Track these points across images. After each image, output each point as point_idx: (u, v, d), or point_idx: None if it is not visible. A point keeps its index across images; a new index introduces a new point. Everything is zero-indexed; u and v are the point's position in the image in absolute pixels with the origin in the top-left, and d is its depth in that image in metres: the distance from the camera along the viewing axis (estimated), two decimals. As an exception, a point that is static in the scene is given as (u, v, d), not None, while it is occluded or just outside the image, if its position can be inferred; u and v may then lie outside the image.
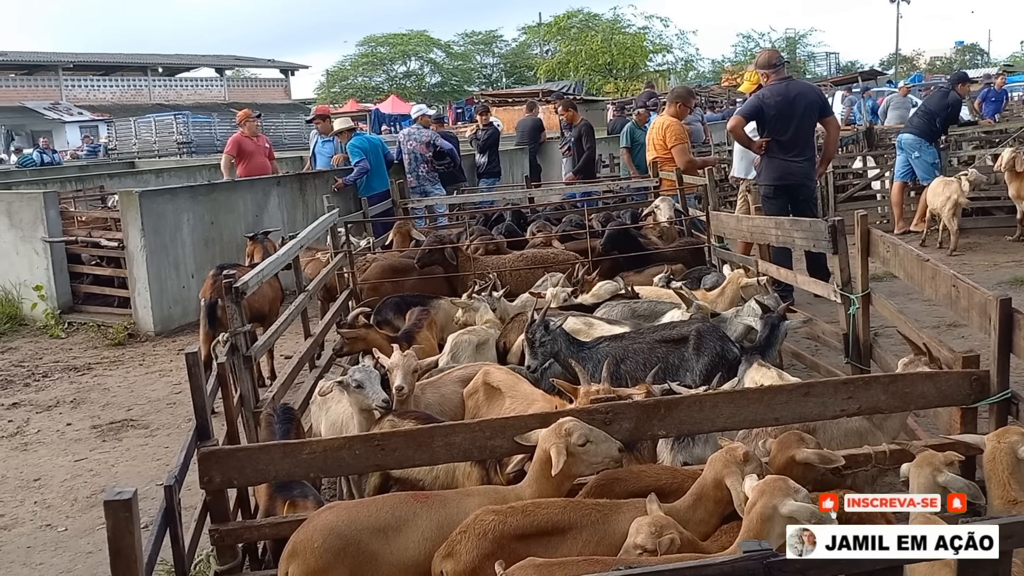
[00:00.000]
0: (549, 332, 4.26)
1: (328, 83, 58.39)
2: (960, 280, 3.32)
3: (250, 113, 10.83)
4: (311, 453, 2.83)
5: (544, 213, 9.01)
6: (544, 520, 2.62)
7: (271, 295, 6.38)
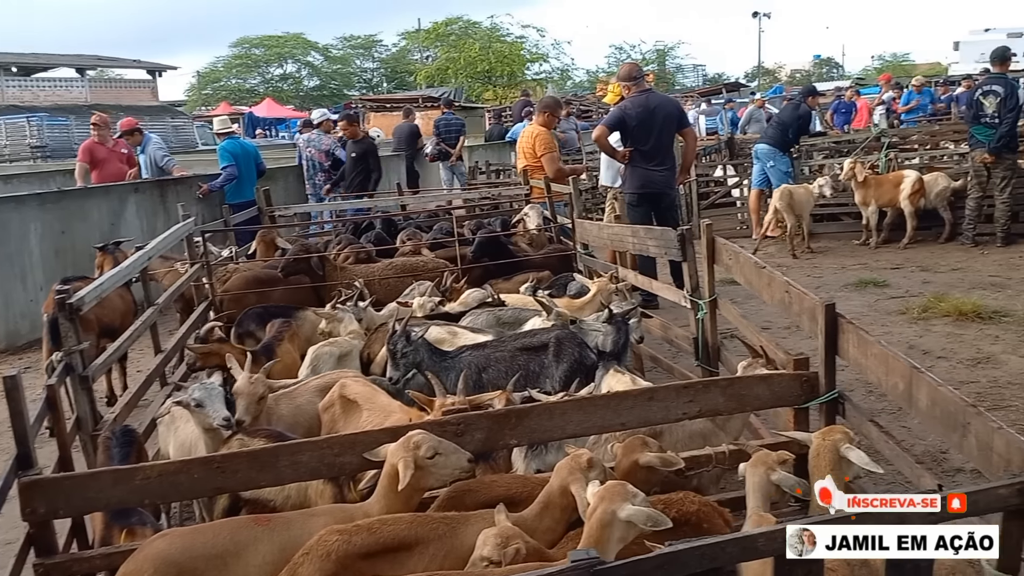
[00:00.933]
0: (411, 343, 4.24)
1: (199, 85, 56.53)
2: (792, 286, 3.49)
3: (105, 119, 10.34)
4: (145, 479, 2.70)
5: (416, 221, 8.97)
6: (390, 537, 2.59)
7: (122, 308, 6.08)
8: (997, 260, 9.22)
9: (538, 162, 8.88)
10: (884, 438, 3.02)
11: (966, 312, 7.00)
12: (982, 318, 6.93)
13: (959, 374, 5.76)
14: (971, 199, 9.82)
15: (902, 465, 2.98)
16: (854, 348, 3.04)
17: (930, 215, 10.31)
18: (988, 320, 6.90)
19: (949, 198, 10.10)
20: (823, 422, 3.24)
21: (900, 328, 6.93)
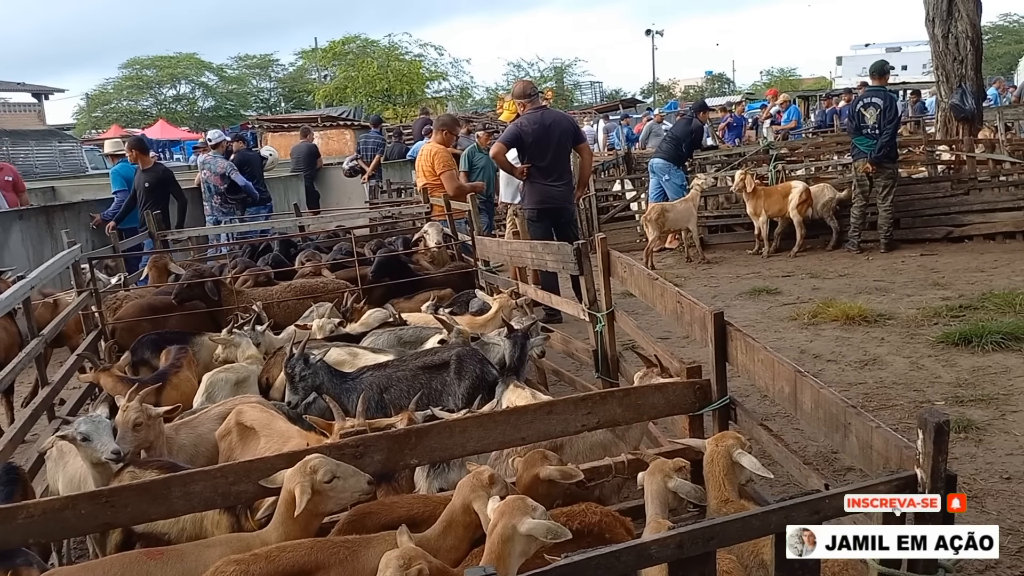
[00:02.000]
0: (309, 365, 4.17)
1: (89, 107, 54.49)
2: (683, 296, 3.59)
3: None
4: (28, 517, 2.57)
5: (315, 242, 8.85)
6: (290, 564, 2.54)
7: (6, 341, 5.81)
8: (881, 265, 9.69)
9: (438, 180, 8.90)
10: (774, 441, 3.13)
11: (853, 316, 7.32)
12: (868, 321, 7.26)
13: (848, 376, 6.02)
14: (855, 207, 10.31)
15: (791, 467, 3.09)
16: (742, 355, 3.15)
17: (818, 224, 10.77)
18: (874, 323, 7.24)
19: (835, 207, 10.58)
20: (716, 428, 3.34)
21: (792, 333, 7.20)
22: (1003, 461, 4.55)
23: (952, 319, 7.14)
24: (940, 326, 6.98)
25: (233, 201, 11.07)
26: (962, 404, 5.33)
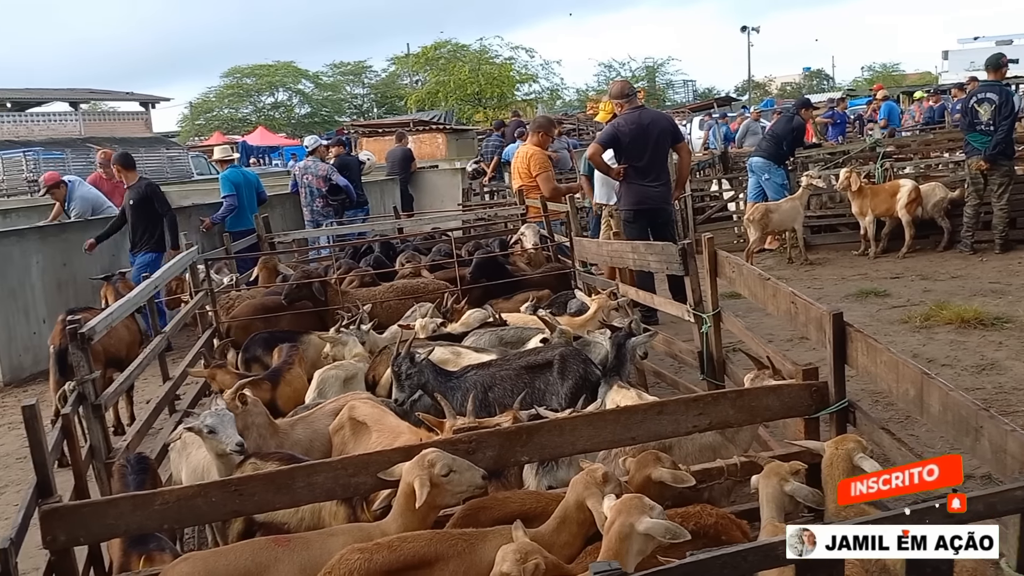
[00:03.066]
0: (415, 364, 4.25)
1: (192, 115, 56.74)
2: (798, 297, 3.52)
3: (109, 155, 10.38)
4: (164, 503, 2.72)
5: (413, 243, 9.01)
6: (411, 554, 2.61)
7: (128, 339, 6.11)
8: (996, 267, 9.27)
9: (534, 182, 8.95)
10: (897, 445, 3.04)
11: (968, 319, 7.03)
12: (984, 325, 6.97)
13: (964, 381, 5.78)
14: (968, 206, 9.87)
15: (914, 471, 2.99)
16: (863, 356, 3.07)
17: (927, 224, 10.36)
18: (990, 327, 6.94)
19: (946, 207, 10.16)
20: (833, 432, 3.26)
21: (903, 337, 6.96)
22: None
23: (1075, 322, 6.79)
24: (1062, 330, 6.64)
25: (334, 203, 11.35)
26: (1089, 411, 5.06)
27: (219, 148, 11.43)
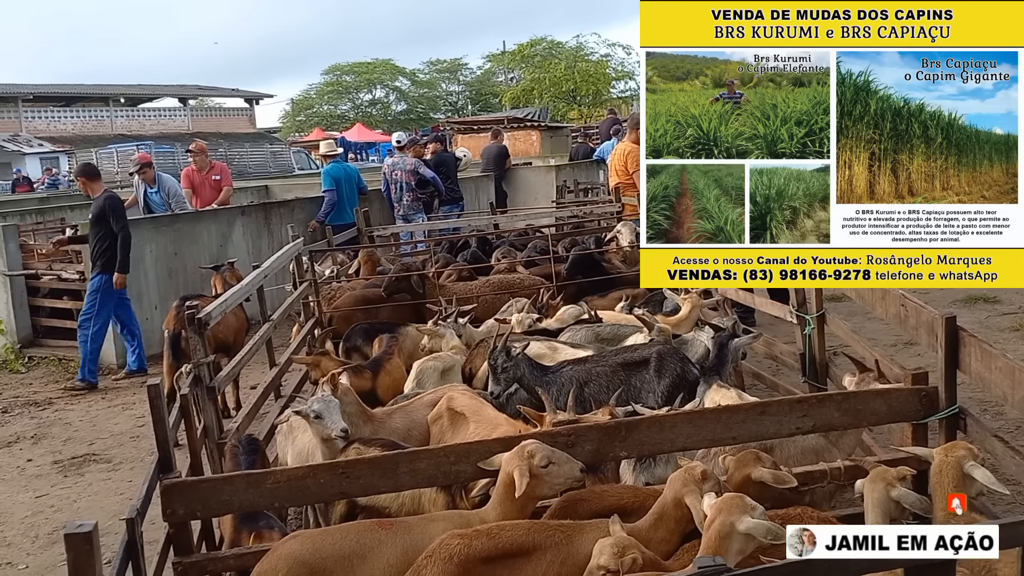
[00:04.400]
0: (511, 358, 4.30)
1: (293, 112, 58.38)
2: (908, 299, 3.43)
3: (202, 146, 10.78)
4: (275, 483, 2.83)
5: (509, 239, 9.09)
6: (509, 542, 2.65)
7: (236, 325, 6.36)
8: (1117, 275, 8.76)
9: (631, 179, 8.90)
10: (1011, 454, 2.93)
11: (1084, 328, 6.70)
12: (1102, 335, 6.62)
13: (1080, 393, 5.50)
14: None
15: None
16: (977, 362, 2.97)
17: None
18: (1108, 337, 6.59)
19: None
20: (942, 439, 3.16)
21: (1014, 345, 6.67)
22: None
23: None
24: None
25: (423, 196, 11.52)
26: None
27: (324, 143, 11.77)
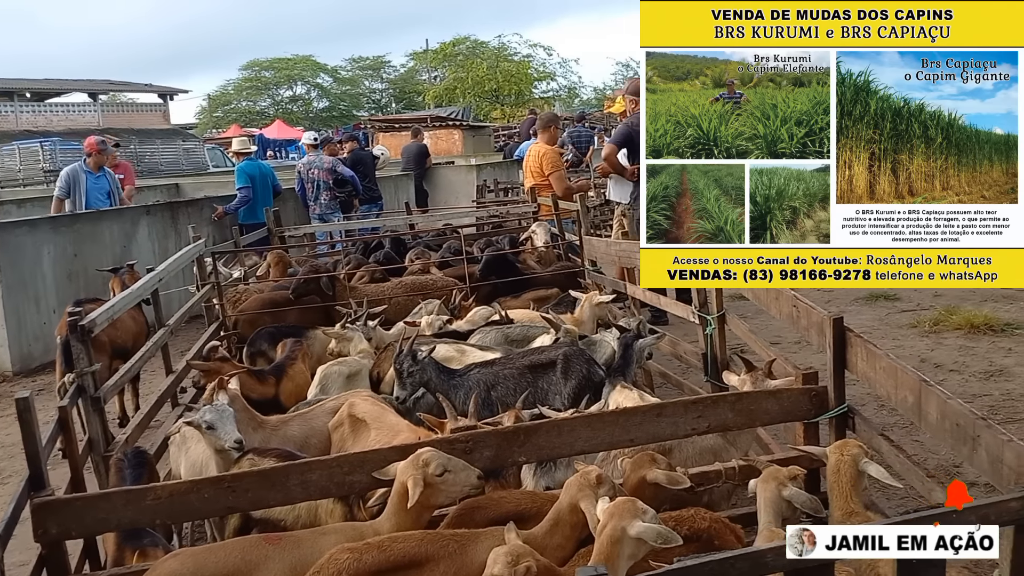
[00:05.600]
0: (417, 361, 4.23)
1: (210, 108, 56.98)
2: (800, 300, 3.49)
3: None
4: (156, 499, 2.72)
5: (424, 240, 9.00)
6: (401, 554, 2.59)
7: (135, 330, 6.12)
8: (1008, 272, 9.15)
9: (546, 180, 8.91)
10: (895, 452, 3.01)
11: (978, 325, 6.96)
12: (994, 331, 6.90)
13: (972, 387, 5.73)
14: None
15: (913, 479, 2.97)
16: (863, 362, 3.04)
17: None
18: (1000, 333, 6.86)
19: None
20: (832, 437, 3.23)
21: (911, 342, 6.90)
22: None
23: (1087, 329, 6.71)
24: (1074, 337, 6.57)
25: (341, 195, 11.35)
26: (1098, 420, 4.99)
27: (237, 140, 11.49)
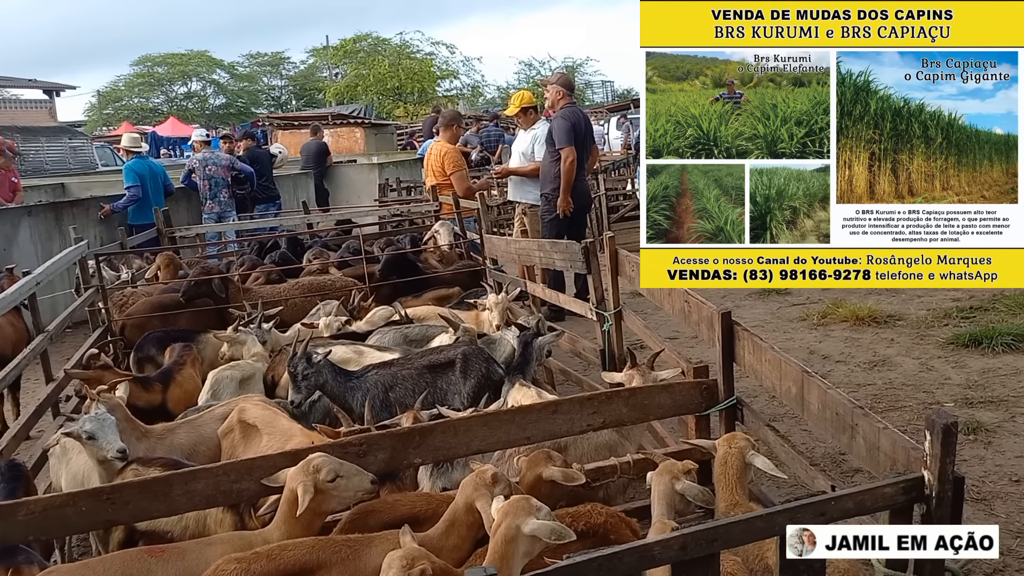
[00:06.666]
0: (312, 364, 4.15)
1: (100, 104, 54.66)
2: (691, 296, 3.56)
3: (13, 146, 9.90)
4: (29, 513, 2.57)
5: (322, 240, 8.85)
6: (291, 562, 2.53)
7: (14, 337, 5.81)
8: (890, 266, 9.60)
9: (447, 179, 8.88)
10: (780, 442, 3.10)
11: (863, 317, 7.26)
12: (878, 322, 7.21)
13: (857, 377, 5.97)
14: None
15: (798, 468, 3.06)
16: (750, 354, 3.12)
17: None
18: (883, 324, 7.18)
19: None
20: (722, 429, 3.31)
21: (801, 334, 7.16)
22: (1012, 464, 4.50)
23: (962, 320, 7.08)
24: (950, 327, 6.92)
25: (240, 192, 11.07)
26: (972, 406, 5.28)
27: (127, 137, 11.04)
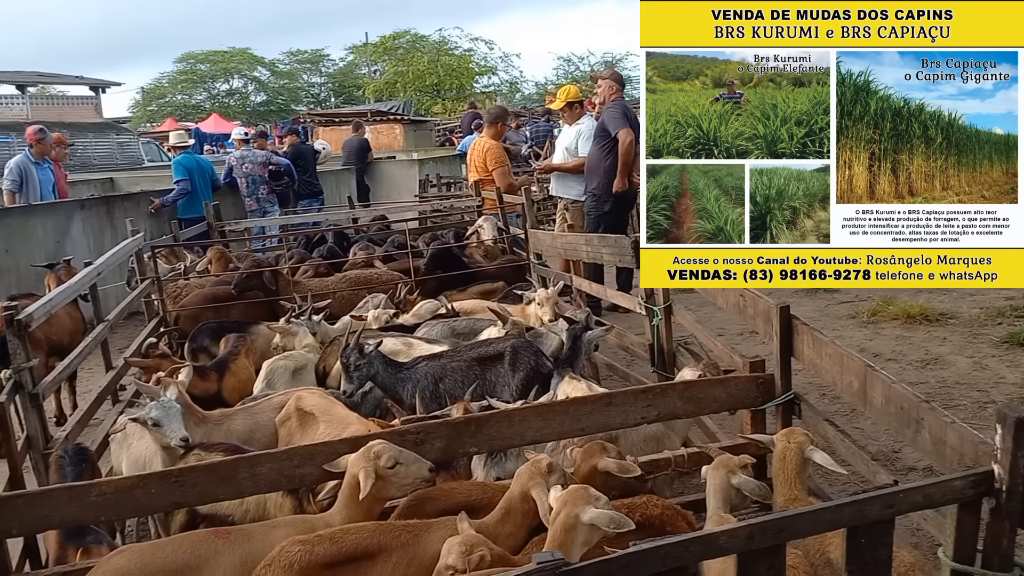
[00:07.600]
0: (364, 355, 4.21)
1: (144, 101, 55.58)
2: (747, 290, 3.55)
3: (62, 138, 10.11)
4: (100, 495, 2.64)
5: (368, 234, 8.93)
6: (353, 546, 2.57)
7: (71, 326, 5.95)
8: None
9: (490, 175, 8.90)
10: (840, 437, 3.08)
11: (914, 315, 7.18)
12: (929, 320, 7.12)
13: (909, 375, 5.90)
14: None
15: (858, 463, 3.04)
16: (809, 349, 3.11)
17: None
18: (935, 322, 7.09)
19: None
20: (779, 424, 3.30)
21: (850, 332, 7.08)
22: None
23: (1016, 319, 6.96)
24: (1004, 326, 6.81)
25: (278, 188, 11.20)
26: (1027, 406, 5.19)
27: (174, 134, 11.24)
